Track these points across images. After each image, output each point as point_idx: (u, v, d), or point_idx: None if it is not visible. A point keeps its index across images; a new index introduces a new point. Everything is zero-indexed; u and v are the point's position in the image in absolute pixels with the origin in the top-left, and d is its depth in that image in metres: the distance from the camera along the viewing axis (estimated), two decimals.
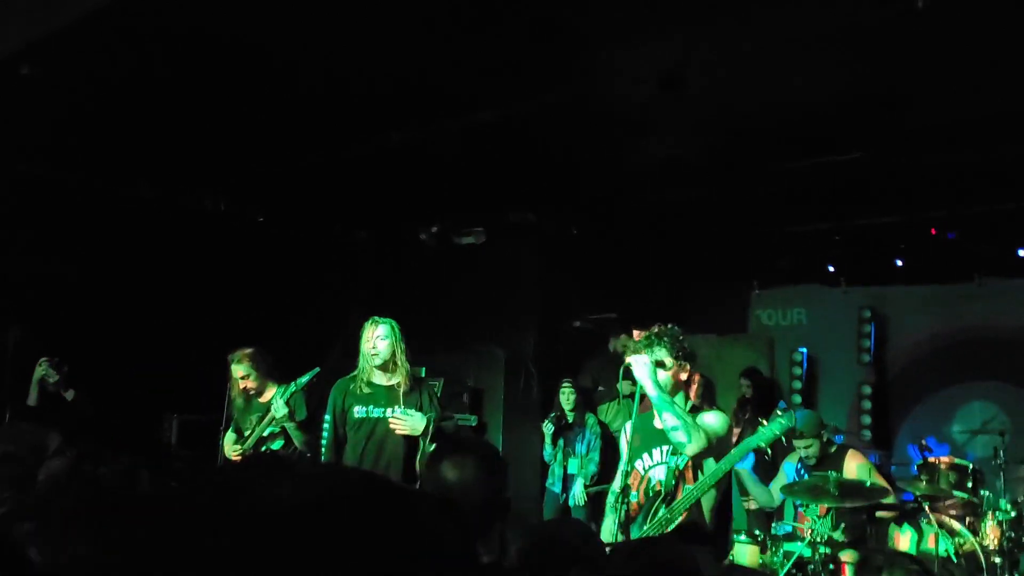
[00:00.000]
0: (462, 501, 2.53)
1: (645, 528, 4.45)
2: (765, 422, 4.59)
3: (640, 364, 4.47)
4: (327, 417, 5.99)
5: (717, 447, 4.45)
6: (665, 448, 4.53)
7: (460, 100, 6.51)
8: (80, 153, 7.66)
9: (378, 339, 5.86)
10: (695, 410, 4.64)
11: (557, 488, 8.65)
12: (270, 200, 8.93)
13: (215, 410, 7.02)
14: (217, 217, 8.71)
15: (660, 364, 4.52)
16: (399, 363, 5.87)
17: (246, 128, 7.17)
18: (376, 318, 5.97)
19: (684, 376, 4.63)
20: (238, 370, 6.63)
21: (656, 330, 4.64)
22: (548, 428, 8.78)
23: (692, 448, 4.37)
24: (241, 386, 6.65)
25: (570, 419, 8.71)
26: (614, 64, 5.86)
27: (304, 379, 6.48)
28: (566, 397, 8.74)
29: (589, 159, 8.17)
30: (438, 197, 8.78)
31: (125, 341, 8.17)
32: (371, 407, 5.84)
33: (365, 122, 6.90)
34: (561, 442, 8.71)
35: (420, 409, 5.83)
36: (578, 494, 8.44)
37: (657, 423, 4.58)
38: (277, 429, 6.56)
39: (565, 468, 8.61)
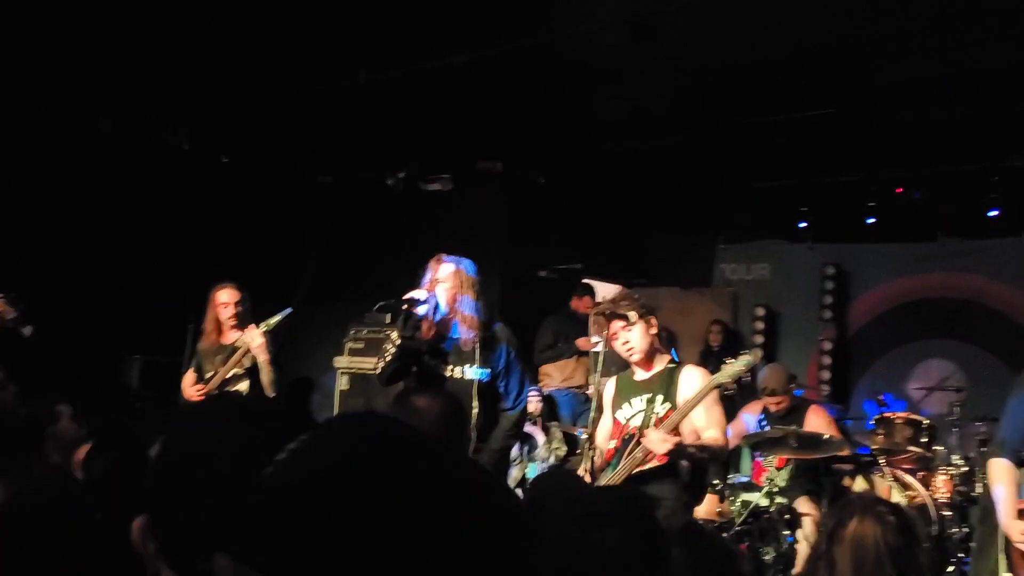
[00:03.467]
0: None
1: (617, 468, 4.45)
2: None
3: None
4: None
5: None
6: (644, 397, 4.53)
7: (431, 42, 6.42)
8: (43, 85, 7.45)
9: None
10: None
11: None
12: (234, 140, 8.76)
13: (176, 352, 6.91)
14: (180, 155, 8.53)
15: (624, 318, 4.52)
16: None
17: (212, 64, 7.02)
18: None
19: (653, 330, 4.62)
20: (231, 295, 6.35)
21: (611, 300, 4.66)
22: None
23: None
24: (227, 313, 6.39)
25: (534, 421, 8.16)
26: (586, 9, 5.80)
27: (275, 319, 6.31)
28: (533, 404, 7.91)
29: (558, 108, 8.10)
30: (405, 143, 8.67)
31: (87, 280, 8.03)
32: None
33: (333, 60, 6.78)
34: (525, 447, 8.11)
35: None
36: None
37: (635, 376, 4.61)
38: (242, 371, 6.46)
39: (524, 474, 7.99)
